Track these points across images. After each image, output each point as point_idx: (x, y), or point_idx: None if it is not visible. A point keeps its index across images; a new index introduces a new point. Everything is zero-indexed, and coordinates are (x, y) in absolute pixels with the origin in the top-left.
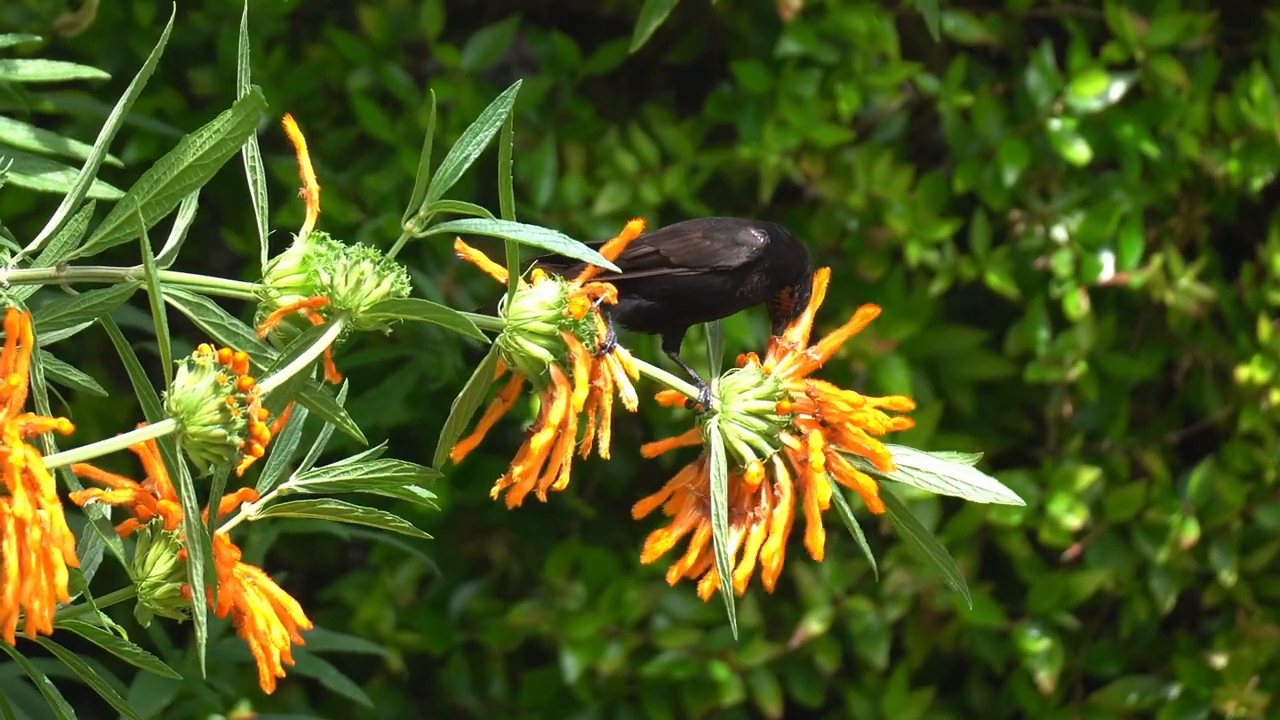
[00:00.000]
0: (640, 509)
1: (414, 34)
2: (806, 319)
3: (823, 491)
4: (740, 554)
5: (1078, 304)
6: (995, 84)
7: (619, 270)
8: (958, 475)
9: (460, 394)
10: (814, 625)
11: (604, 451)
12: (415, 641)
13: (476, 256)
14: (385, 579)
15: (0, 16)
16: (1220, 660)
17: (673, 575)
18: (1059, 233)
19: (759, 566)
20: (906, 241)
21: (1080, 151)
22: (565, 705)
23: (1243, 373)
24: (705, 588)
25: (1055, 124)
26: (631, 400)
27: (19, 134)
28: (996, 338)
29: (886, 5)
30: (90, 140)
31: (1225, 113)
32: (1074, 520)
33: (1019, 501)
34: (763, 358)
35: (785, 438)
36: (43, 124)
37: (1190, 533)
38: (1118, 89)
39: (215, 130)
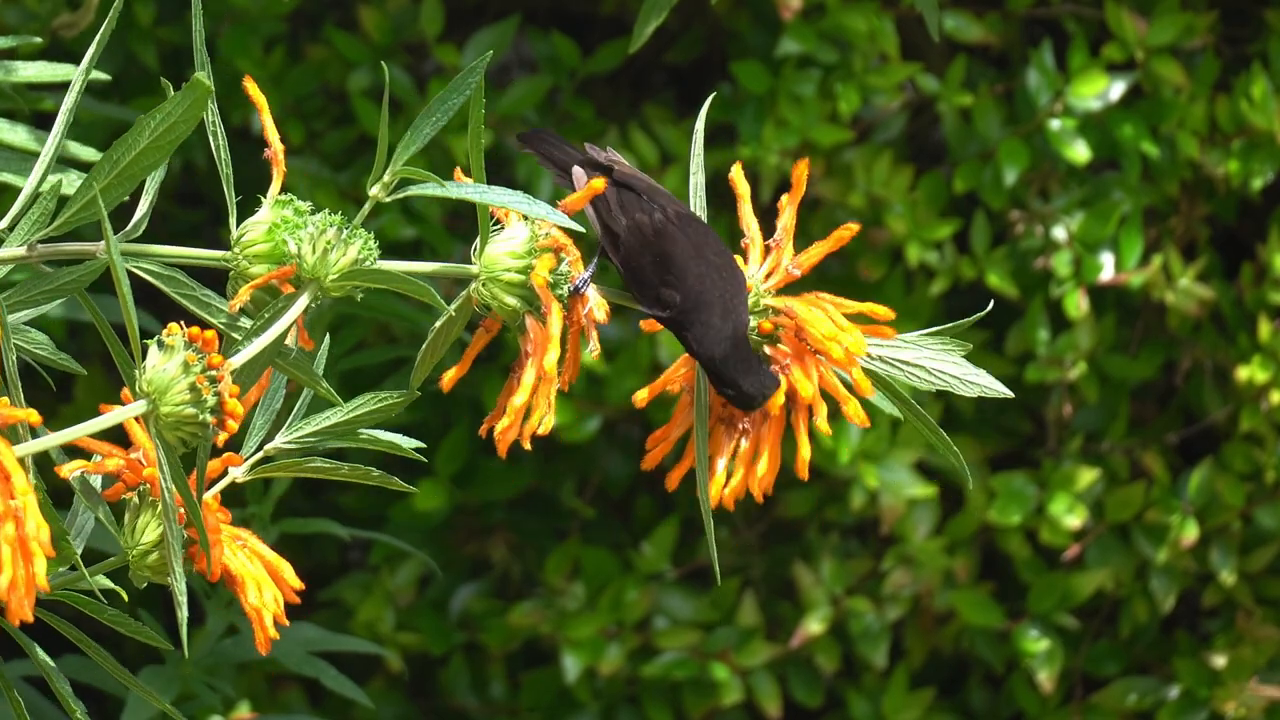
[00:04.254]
0: (640, 400)
1: (414, 34)
2: (790, 211)
3: (805, 391)
4: (730, 471)
5: (1078, 304)
6: (995, 84)
7: (580, 228)
8: (946, 369)
9: (438, 323)
10: (814, 625)
11: (562, 385)
12: (415, 642)
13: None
14: (385, 579)
15: None
16: (1220, 660)
17: (672, 480)
18: (1059, 233)
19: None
20: (906, 242)
21: (1080, 151)
22: (565, 706)
23: (1243, 373)
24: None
25: (1055, 124)
26: (595, 350)
27: (18, 135)
28: (996, 338)
29: (886, 5)
30: (90, 141)
31: (1225, 113)
32: (1074, 521)
33: (1007, 393)
34: (745, 256)
35: (769, 350)
36: (42, 124)
37: (1190, 533)
38: (1118, 89)
39: (167, 114)
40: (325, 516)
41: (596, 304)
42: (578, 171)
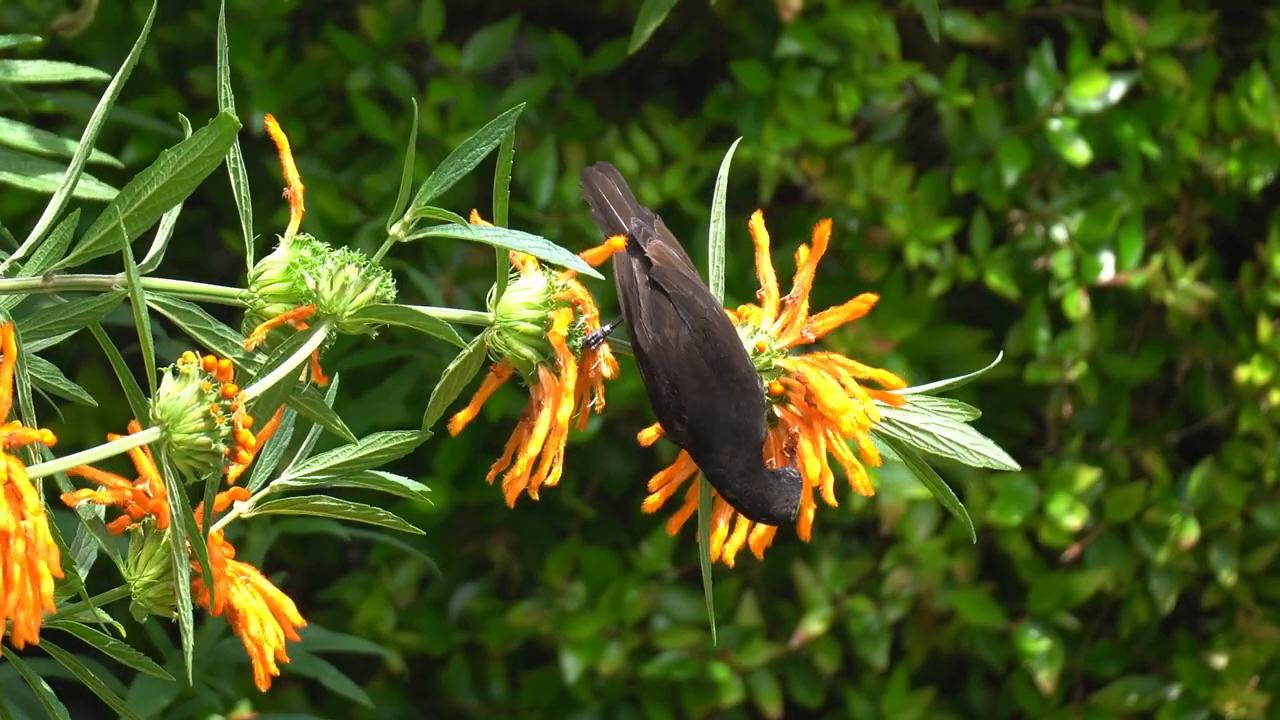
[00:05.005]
0: (646, 439)
1: (414, 34)
2: (809, 270)
3: (812, 472)
4: (733, 524)
5: (1078, 304)
6: (995, 84)
7: (600, 276)
8: (954, 438)
9: (452, 365)
10: (814, 625)
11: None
12: (415, 641)
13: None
14: (385, 579)
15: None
16: (1220, 660)
17: (673, 525)
18: (1059, 233)
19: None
20: (906, 242)
21: (1080, 151)
22: (565, 705)
23: (1243, 373)
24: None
25: (1055, 124)
26: (600, 405)
27: (18, 135)
28: (996, 338)
29: (886, 5)
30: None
31: (1225, 113)
32: (1074, 521)
33: (1013, 465)
34: (760, 306)
35: (779, 410)
36: (42, 124)
37: (1190, 533)
38: (1118, 89)
39: (192, 148)
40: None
41: (605, 360)
42: (617, 246)
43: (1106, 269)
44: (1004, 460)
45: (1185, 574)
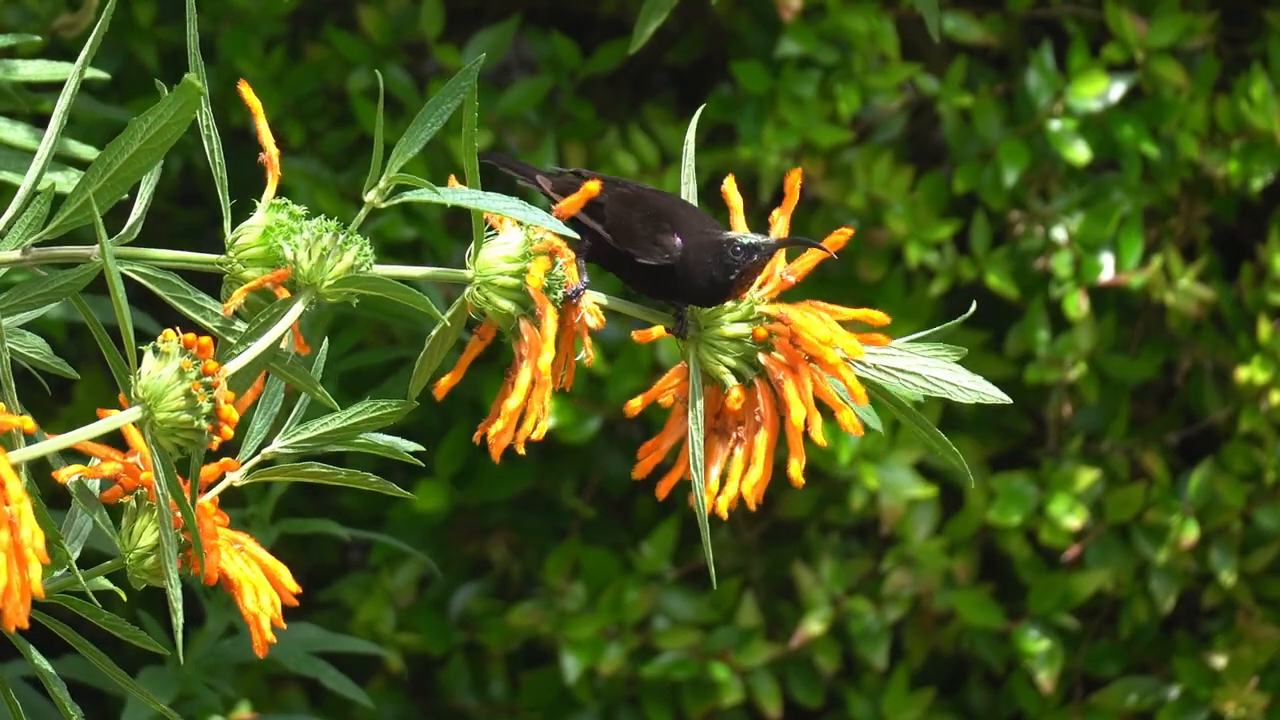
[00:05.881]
0: (632, 409)
1: (414, 34)
2: (784, 221)
3: (796, 415)
4: (724, 478)
5: (1077, 305)
6: (995, 84)
7: (576, 236)
8: (943, 376)
9: (434, 331)
10: (814, 626)
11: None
12: (415, 642)
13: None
14: (385, 579)
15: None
16: (1220, 660)
17: (663, 488)
18: (1059, 233)
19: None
20: (906, 242)
21: (1080, 152)
22: (565, 706)
23: (1243, 373)
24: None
25: (1055, 124)
26: (588, 357)
27: (18, 134)
28: (996, 338)
29: (886, 5)
30: (90, 140)
31: (1225, 113)
32: (1074, 521)
33: (1005, 399)
34: None
35: (764, 358)
36: (42, 124)
37: (1190, 533)
38: (1118, 89)
39: (159, 116)
40: (325, 517)
41: (589, 310)
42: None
43: (1106, 269)
44: (995, 394)
45: (1185, 574)
